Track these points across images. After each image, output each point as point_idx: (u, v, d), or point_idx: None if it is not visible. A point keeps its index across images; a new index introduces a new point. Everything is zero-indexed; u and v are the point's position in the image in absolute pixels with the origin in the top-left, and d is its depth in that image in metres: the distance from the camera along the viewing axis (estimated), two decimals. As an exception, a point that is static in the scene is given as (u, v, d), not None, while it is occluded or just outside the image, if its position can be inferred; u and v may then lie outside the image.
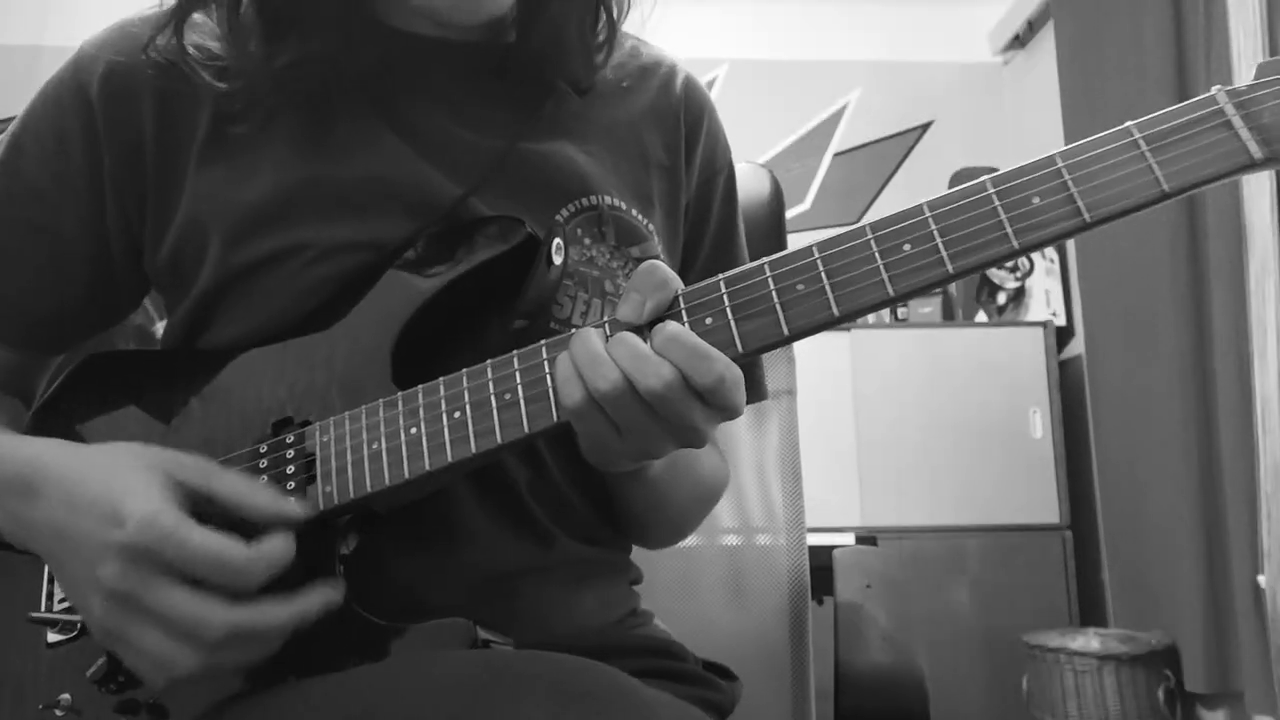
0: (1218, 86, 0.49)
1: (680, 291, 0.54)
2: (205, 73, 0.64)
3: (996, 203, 0.49)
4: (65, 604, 0.62)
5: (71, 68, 0.68)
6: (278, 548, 0.53)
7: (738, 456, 0.99)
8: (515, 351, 0.55)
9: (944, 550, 2.51)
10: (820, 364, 2.58)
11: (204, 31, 0.66)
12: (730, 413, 0.52)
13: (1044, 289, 2.87)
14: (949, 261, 0.49)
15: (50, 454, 0.58)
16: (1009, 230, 0.49)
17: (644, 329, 0.53)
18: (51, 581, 0.63)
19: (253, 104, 0.64)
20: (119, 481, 0.53)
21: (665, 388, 0.50)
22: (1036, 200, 0.49)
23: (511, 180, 0.67)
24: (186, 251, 0.66)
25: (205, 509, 0.54)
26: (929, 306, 2.95)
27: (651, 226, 0.72)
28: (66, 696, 0.60)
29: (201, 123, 0.66)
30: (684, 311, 0.53)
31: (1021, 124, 3.14)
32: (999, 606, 2.49)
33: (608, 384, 0.50)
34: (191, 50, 0.65)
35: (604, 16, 0.70)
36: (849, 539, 1.37)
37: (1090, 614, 2.59)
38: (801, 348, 1.01)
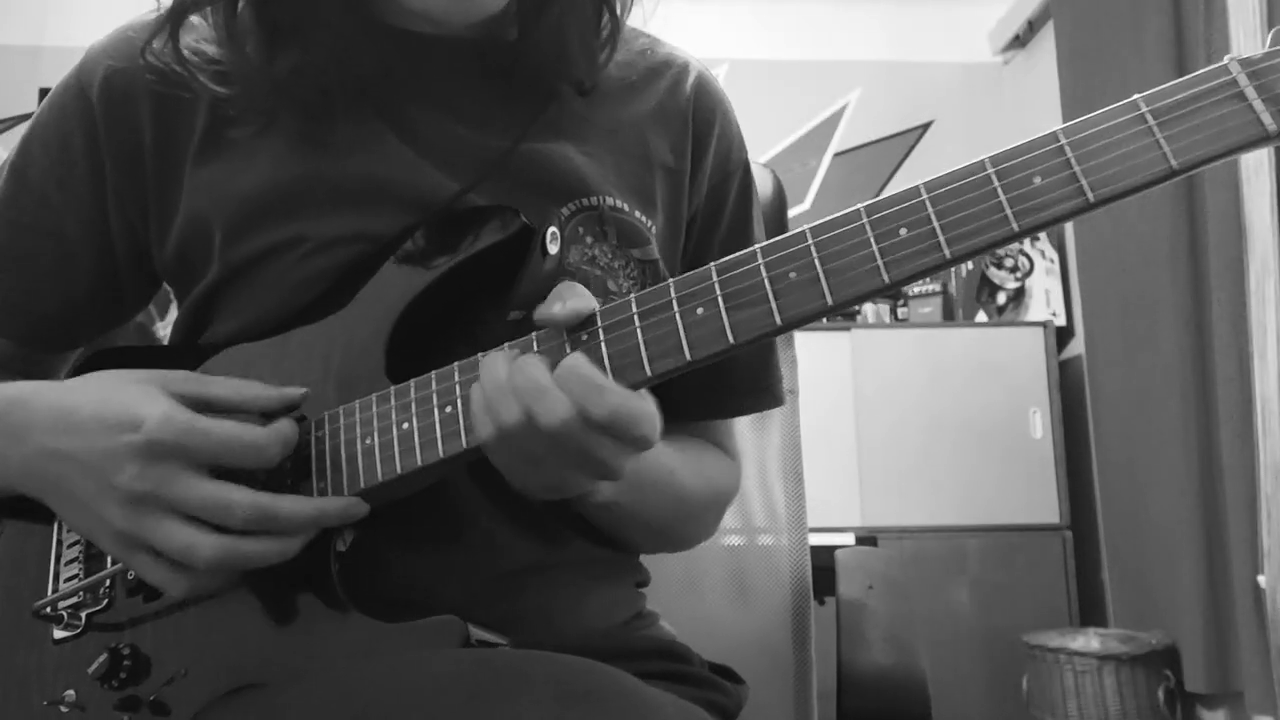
0: (1230, 56, 0.46)
1: (599, 310, 0.53)
2: (203, 76, 0.64)
3: (996, 183, 0.47)
4: (71, 580, 0.62)
5: (75, 73, 0.69)
6: (288, 427, 0.55)
7: (739, 456, 0.99)
8: (507, 344, 0.55)
9: (944, 550, 2.51)
10: (821, 364, 2.57)
11: (200, 35, 0.66)
12: (640, 444, 0.51)
13: (1044, 289, 2.87)
14: (946, 246, 0.47)
15: (29, 388, 0.60)
16: (1009, 212, 0.47)
17: (564, 345, 0.52)
18: (57, 578, 0.63)
19: (252, 108, 0.65)
20: (119, 394, 0.55)
21: (562, 424, 0.49)
22: (1038, 180, 0.46)
23: (510, 180, 0.66)
24: (193, 246, 0.66)
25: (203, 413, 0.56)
26: (929, 306, 2.95)
27: (654, 229, 0.71)
28: (70, 693, 0.60)
29: (198, 125, 0.66)
30: (675, 300, 0.51)
31: (1021, 124, 3.14)
32: (999, 606, 2.48)
33: (512, 417, 0.50)
34: (188, 54, 0.65)
35: (606, 15, 0.69)
36: (849, 539, 1.36)
37: (1090, 614, 2.59)
38: (802, 348, 1.01)
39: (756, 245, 0.51)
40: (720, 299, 0.50)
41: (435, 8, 0.64)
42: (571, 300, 0.52)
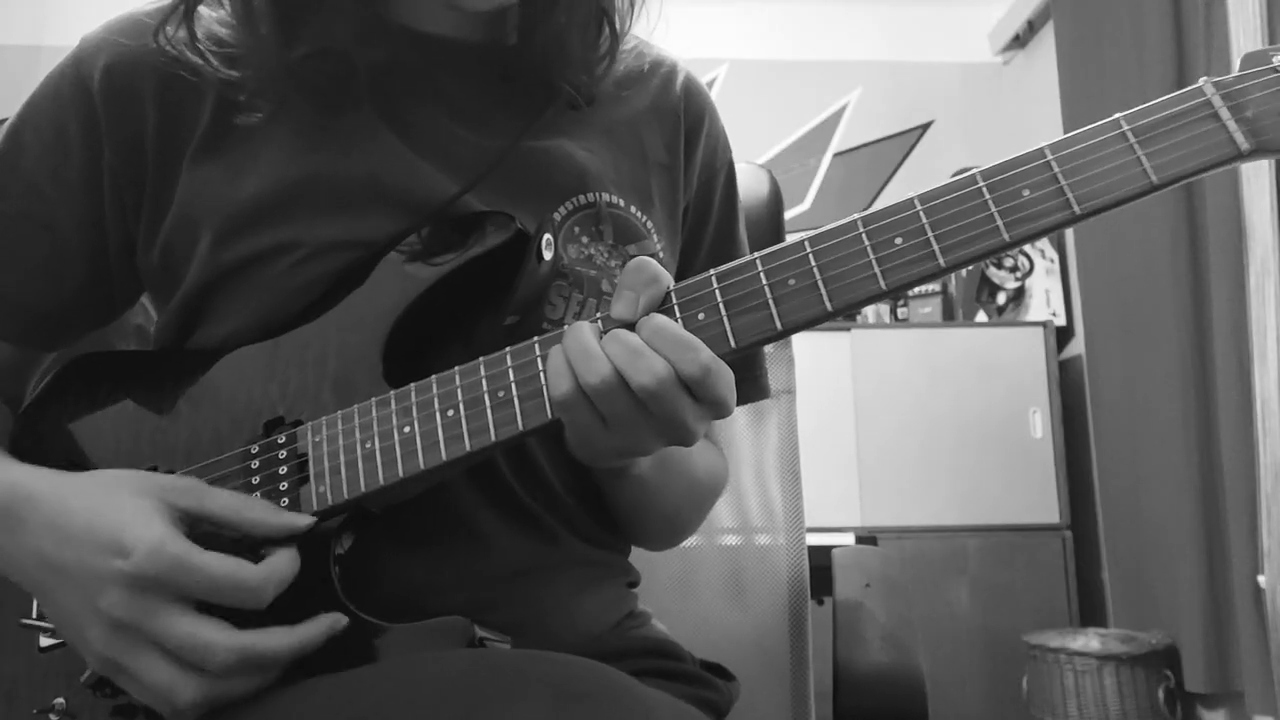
0: (1205, 78, 0.49)
1: (671, 287, 0.53)
2: (215, 60, 0.64)
3: (987, 195, 0.50)
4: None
5: (73, 61, 0.67)
6: (284, 563, 0.53)
7: (738, 456, 0.99)
8: (508, 349, 0.55)
9: (944, 550, 2.51)
10: (820, 364, 2.57)
11: (210, 21, 0.65)
12: (718, 408, 0.52)
13: (1044, 289, 2.87)
14: (940, 255, 0.49)
15: (33, 482, 0.57)
16: (1000, 223, 0.49)
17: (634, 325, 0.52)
18: None
19: (262, 93, 0.64)
20: (113, 511, 0.53)
21: (658, 383, 0.50)
22: (1026, 193, 0.49)
23: (509, 178, 0.66)
24: (177, 248, 0.65)
25: (201, 530, 0.54)
26: (929, 306, 2.95)
27: (650, 224, 0.71)
28: (60, 700, 0.59)
29: (204, 115, 0.65)
30: (676, 307, 0.53)
31: (1021, 124, 3.14)
32: (999, 606, 2.48)
33: (597, 378, 0.50)
34: (201, 37, 0.64)
35: (606, 29, 0.70)
36: (849, 539, 1.36)
37: (1090, 614, 2.59)
38: (801, 348, 1.01)
39: (756, 254, 0.52)
40: (721, 305, 0.52)
41: None
42: (645, 292, 0.53)
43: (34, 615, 0.62)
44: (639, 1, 0.71)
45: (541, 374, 0.54)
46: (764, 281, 0.51)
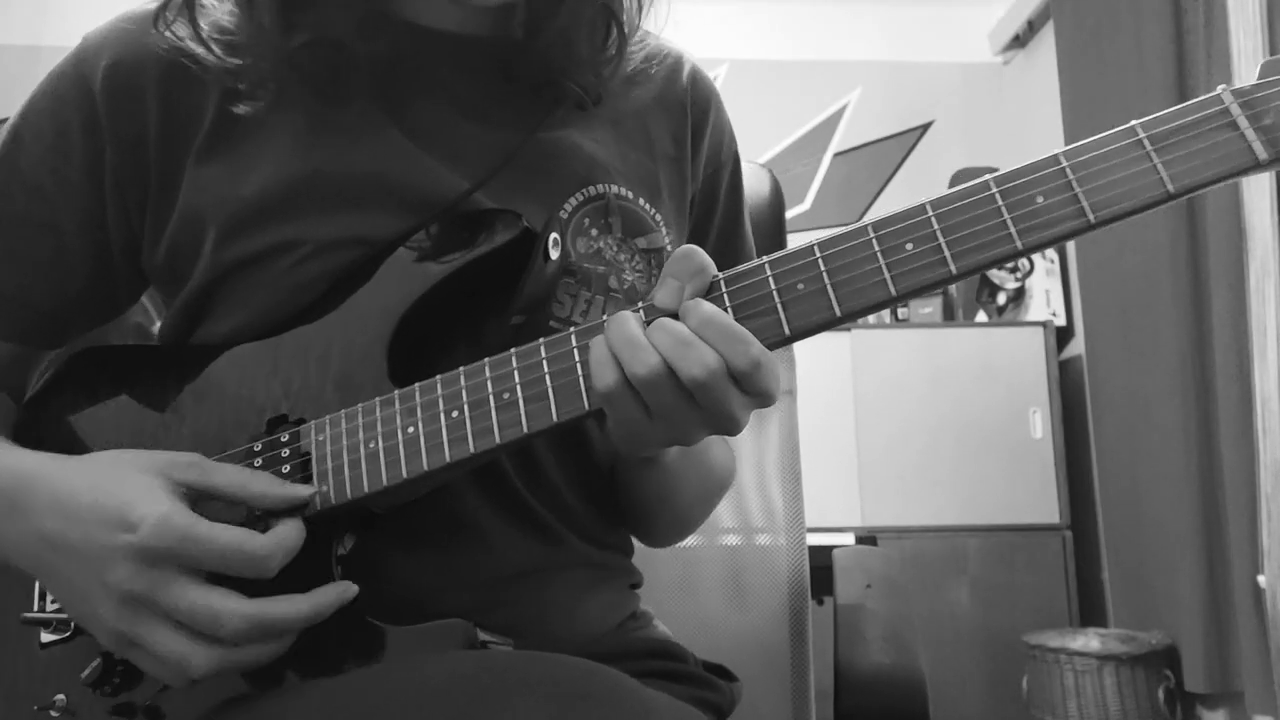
0: (1223, 86, 0.48)
1: (720, 276, 0.53)
2: (217, 48, 0.63)
3: (1000, 202, 0.49)
4: (58, 605, 0.61)
5: (74, 60, 0.67)
6: (291, 532, 0.54)
7: (739, 456, 0.99)
8: (513, 350, 0.55)
9: (944, 550, 2.51)
10: (820, 364, 2.58)
11: (213, 10, 0.65)
12: (764, 399, 0.51)
13: (1044, 289, 2.87)
14: (952, 261, 0.49)
15: (35, 465, 0.57)
16: (1012, 230, 0.48)
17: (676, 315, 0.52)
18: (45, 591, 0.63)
19: (262, 81, 0.64)
20: (118, 487, 0.53)
21: (708, 375, 0.49)
22: (1040, 200, 0.48)
23: (518, 170, 0.66)
24: (183, 246, 0.65)
25: (206, 506, 0.54)
26: (929, 307, 2.95)
27: (659, 217, 0.71)
28: (61, 697, 0.59)
29: (208, 110, 0.65)
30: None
31: (1021, 124, 3.14)
32: (999, 606, 2.49)
33: (646, 369, 0.50)
34: (204, 26, 0.64)
35: (614, 30, 0.70)
36: (849, 539, 1.36)
37: (1090, 614, 2.59)
38: (801, 348, 1.00)
39: (765, 258, 0.52)
40: (730, 310, 0.52)
41: None
42: (691, 282, 0.52)
43: (34, 608, 0.62)
44: (647, 1, 0.71)
45: (546, 376, 0.53)
46: (773, 286, 0.51)
